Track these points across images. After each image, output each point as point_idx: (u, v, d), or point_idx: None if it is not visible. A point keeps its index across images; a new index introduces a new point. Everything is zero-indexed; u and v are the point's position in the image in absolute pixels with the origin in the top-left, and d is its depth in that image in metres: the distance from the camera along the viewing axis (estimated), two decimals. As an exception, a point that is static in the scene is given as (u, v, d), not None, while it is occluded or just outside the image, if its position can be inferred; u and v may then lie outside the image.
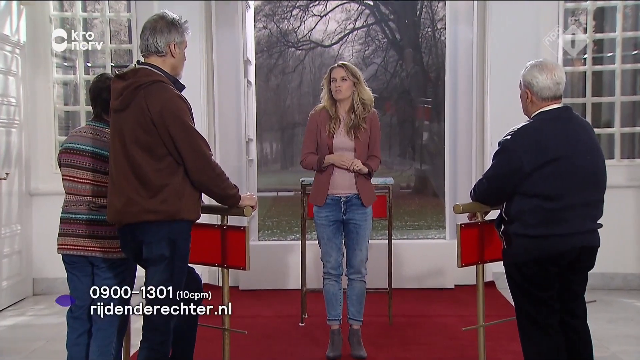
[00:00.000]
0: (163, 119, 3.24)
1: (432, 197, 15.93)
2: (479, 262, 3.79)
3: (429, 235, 10.96)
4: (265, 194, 16.07)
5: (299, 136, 19.16)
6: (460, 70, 6.69)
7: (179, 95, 3.32)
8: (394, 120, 18.08)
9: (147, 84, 3.28)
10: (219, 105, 6.59)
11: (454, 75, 6.72)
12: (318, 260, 4.88)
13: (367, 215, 4.54)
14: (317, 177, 4.57)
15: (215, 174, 3.36)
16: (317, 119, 4.56)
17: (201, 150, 3.31)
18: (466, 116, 6.64)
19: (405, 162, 18.14)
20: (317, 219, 4.57)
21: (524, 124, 3.35)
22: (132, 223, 3.31)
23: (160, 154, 3.28)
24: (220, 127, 6.61)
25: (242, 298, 6.27)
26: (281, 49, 18.68)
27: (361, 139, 4.47)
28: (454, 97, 6.73)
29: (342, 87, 4.48)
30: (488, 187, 3.44)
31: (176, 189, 3.30)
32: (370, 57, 18.39)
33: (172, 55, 3.41)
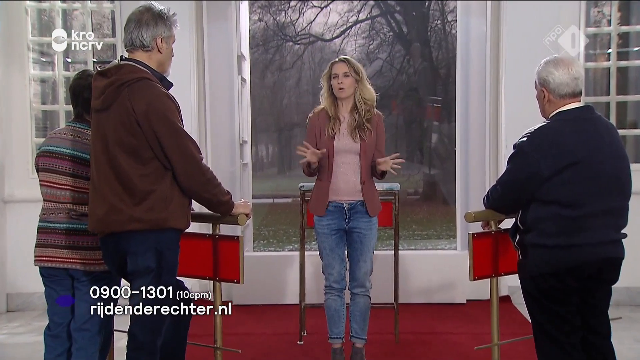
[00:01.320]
0: (149, 119, 3.25)
1: (442, 204, 15.94)
2: (492, 275, 3.79)
3: (438, 245, 10.96)
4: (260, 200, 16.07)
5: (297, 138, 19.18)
6: (472, 66, 6.70)
7: (167, 94, 3.32)
8: (400, 120, 18.09)
9: (131, 81, 3.29)
10: (210, 104, 6.60)
11: (465, 71, 6.72)
12: (319, 273, 4.88)
13: (372, 223, 4.54)
14: (317, 184, 4.57)
15: (206, 179, 3.37)
16: (315, 122, 4.56)
17: (191, 153, 3.31)
18: (479, 116, 6.64)
19: (412, 166, 18.15)
20: (318, 228, 4.57)
21: (541, 125, 3.35)
22: (115, 232, 3.31)
23: (146, 158, 3.29)
24: (212, 128, 6.62)
25: (236, 314, 6.26)
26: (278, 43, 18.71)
27: (367, 141, 4.47)
28: (466, 96, 6.73)
29: (345, 83, 4.48)
30: (502, 194, 3.44)
31: (163, 195, 3.30)
32: (375, 52, 18.42)
33: (159, 51, 3.42)
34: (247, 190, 7.00)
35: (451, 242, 10.79)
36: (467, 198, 6.73)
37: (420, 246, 10.88)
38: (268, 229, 13.05)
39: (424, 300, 6.50)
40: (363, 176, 4.49)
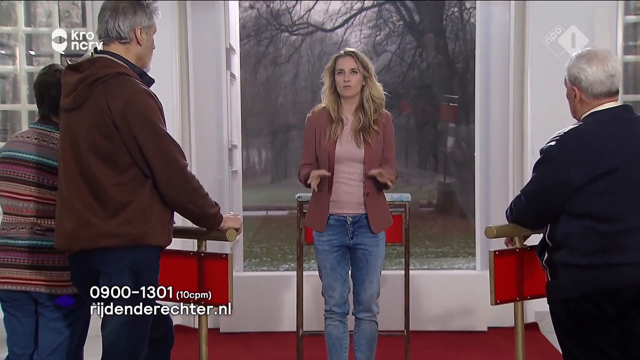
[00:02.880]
0: (127, 120, 3.25)
1: (459, 217, 15.92)
2: (517, 299, 3.79)
3: (455, 264, 10.96)
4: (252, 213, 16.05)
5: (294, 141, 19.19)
6: (494, 60, 6.71)
7: (147, 91, 3.33)
8: (411, 122, 18.08)
9: (107, 76, 3.29)
10: (195, 103, 6.60)
11: (486, 66, 6.73)
12: (318, 296, 4.87)
13: (380, 239, 4.54)
14: (315, 195, 4.56)
15: (191, 189, 3.37)
16: (315, 123, 4.56)
17: (174, 159, 3.31)
18: (501, 117, 6.65)
19: (425, 174, 18.14)
20: (318, 244, 4.57)
21: (572, 127, 3.36)
22: (85, 250, 3.31)
23: (122, 164, 3.29)
24: (197, 130, 6.62)
25: (224, 343, 6.26)
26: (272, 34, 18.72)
27: (373, 146, 4.47)
28: (486, 94, 6.74)
29: (353, 81, 4.48)
30: (528, 206, 3.44)
31: (142, 207, 3.30)
32: (383, 43, 18.43)
33: (138, 43, 3.43)
34: (237, 201, 7.00)
35: (470, 261, 10.78)
36: (487, 210, 6.73)
37: (435, 265, 10.87)
38: (261, 245, 13.03)
39: (438, 327, 6.49)
40: (367, 187, 4.49)
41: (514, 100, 6.54)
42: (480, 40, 6.77)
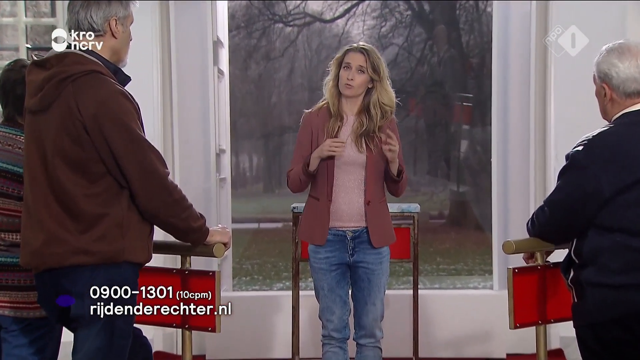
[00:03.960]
0: (99, 124, 3.25)
1: (474, 230, 15.92)
2: (539, 323, 3.79)
3: (469, 283, 10.96)
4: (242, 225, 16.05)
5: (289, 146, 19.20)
6: (512, 54, 6.71)
7: (122, 92, 3.33)
8: (420, 123, 18.09)
9: (77, 74, 3.29)
10: (178, 103, 6.60)
11: (504, 61, 6.73)
12: (316, 319, 4.86)
13: (383, 256, 4.53)
14: (312, 204, 4.56)
15: (172, 200, 3.37)
16: (312, 122, 4.55)
17: (152, 167, 3.31)
18: (521, 118, 6.65)
19: (436, 182, 18.16)
20: (314, 262, 4.56)
21: (601, 130, 3.35)
22: (54, 268, 3.30)
23: (95, 173, 3.29)
24: (181, 133, 6.62)
25: (210, 372, 6.24)
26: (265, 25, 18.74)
27: (375, 152, 4.47)
28: (504, 92, 6.74)
29: (357, 80, 4.46)
30: (551, 218, 3.44)
31: (118, 220, 3.30)
32: (389, 36, 18.45)
33: (113, 35, 3.43)
34: (226, 212, 7.00)
35: (486, 280, 10.78)
36: (506, 223, 6.72)
37: (447, 284, 10.87)
38: (252, 262, 13.03)
39: (451, 354, 6.48)
40: (368, 195, 4.48)
41: (536, 99, 6.54)
42: (498, 32, 6.77)
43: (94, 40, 3.40)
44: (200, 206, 3.65)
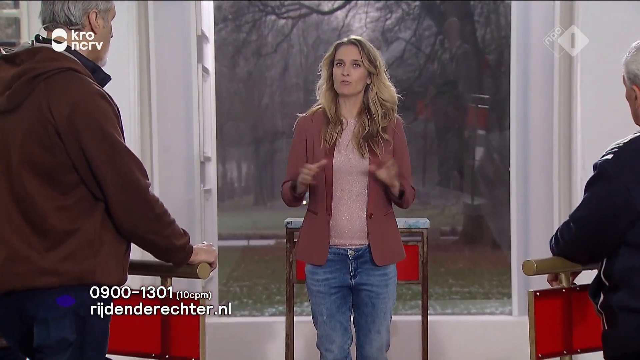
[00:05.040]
0: (73, 127, 3.25)
1: (491, 248, 15.93)
2: (564, 353, 3.79)
3: (486, 308, 10.95)
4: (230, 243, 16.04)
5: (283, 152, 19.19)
6: (534, 51, 6.73)
7: (101, 92, 3.33)
8: (430, 128, 18.09)
9: (50, 72, 3.29)
10: (158, 105, 6.61)
11: (524, 58, 6.75)
12: (313, 348, 4.87)
13: (389, 278, 4.54)
14: (310, 219, 4.57)
15: (154, 215, 3.37)
16: (308, 126, 4.56)
17: (133, 178, 3.31)
18: (544, 122, 6.66)
19: (448, 194, 18.16)
20: (312, 285, 4.56)
21: (633, 137, 3.36)
22: (17, 290, 3.30)
23: (67, 184, 3.29)
24: (161, 139, 6.62)
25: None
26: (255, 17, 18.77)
27: (380, 157, 4.47)
28: (524, 93, 6.75)
29: (353, 76, 4.48)
30: (578, 235, 3.45)
31: (90, 237, 3.30)
32: (394, 29, 18.47)
33: (93, 30, 3.43)
34: (211, 228, 7.01)
35: (504, 304, 10.77)
36: (526, 240, 6.73)
37: (460, 309, 10.86)
38: (241, 284, 13.03)
39: (465, 387, 6.49)
40: (370, 206, 4.48)
41: (560, 101, 6.54)
42: (517, 25, 6.78)
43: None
44: (182, 221, 3.65)
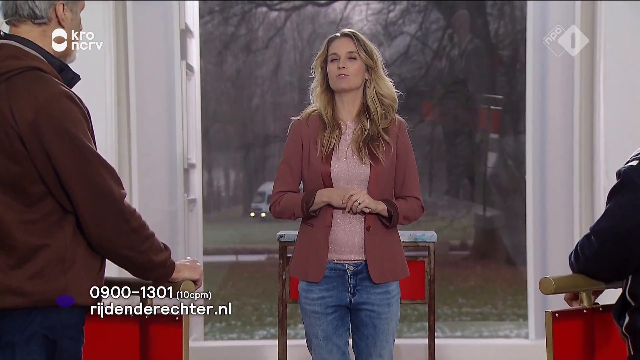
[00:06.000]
0: (39, 133, 3.25)
1: (505, 264, 15.97)
2: (586, 380, 3.79)
3: (499, 331, 10.96)
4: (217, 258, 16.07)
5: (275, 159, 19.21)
6: (551, 47, 6.74)
7: (68, 94, 3.33)
8: (438, 132, 18.14)
9: (13, 72, 3.29)
10: (137, 107, 6.62)
11: (541, 54, 6.76)
12: (307, 375, 4.87)
13: (392, 296, 4.53)
14: (305, 231, 4.56)
15: (130, 228, 3.36)
16: (303, 130, 4.56)
17: (105, 187, 3.31)
18: (562, 126, 6.67)
19: (457, 205, 18.19)
20: (306, 303, 4.56)
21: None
22: (-20, 312, 3.30)
23: (33, 195, 3.28)
24: (140, 144, 6.63)
25: None
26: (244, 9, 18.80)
27: (383, 163, 4.46)
28: (542, 93, 6.77)
29: (350, 68, 4.47)
30: (601, 249, 3.45)
31: (59, 253, 3.30)
32: (398, 23, 18.52)
33: (60, 24, 3.43)
34: (196, 242, 7.01)
35: (520, 327, 10.79)
36: (544, 255, 6.74)
37: (471, 332, 10.86)
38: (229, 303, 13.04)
39: (477, 418, 6.49)
40: (368, 218, 4.47)
41: (581, 102, 6.56)
42: (534, 19, 6.80)
43: (35, 29, 3.40)
44: (164, 234, 3.65)
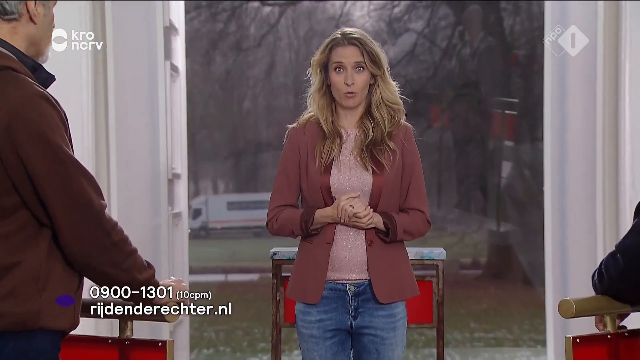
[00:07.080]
0: (12, 138, 3.26)
1: (522, 284, 15.96)
2: (611, 412, 3.79)
3: (515, 358, 10.98)
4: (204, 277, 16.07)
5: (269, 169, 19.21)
6: (572, 46, 6.76)
7: (44, 95, 3.33)
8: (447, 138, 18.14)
9: (-18, 73, 3.30)
10: (116, 111, 6.62)
11: (560, 54, 6.77)
12: (304, 405, 4.88)
13: (397, 319, 4.54)
14: (304, 248, 4.57)
15: (111, 243, 3.37)
16: (300, 139, 4.56)
17: (85, 196, 3.32)
18: (584, 132, 6.68)
19: (468, 219, 18.19)
20: (303, 327, 4.56)
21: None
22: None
23: (6, 206, 3.29)
24: (119, 152, 6.63)
25: None
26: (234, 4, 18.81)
27: (388, 172, 4.46)
28: (561, 97, 6.78)
29: (358, 83, 4.43)
30: (626, 268, 3.46)
31: (33, 271, 3.30)
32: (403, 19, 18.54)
33: (32, 20, 3.44)
34: (181, 260, 7.02)
35: (538, 353, 10.81)
36: (564, 275, 6.75)
37: (485, 358, 10.89)
38: (217, 327, 13.04)
39: None
40: (370, 233, 4.46)
41: (604, 106, 6.57)
42: (552, 14, 6.81)
43: (5, 26, 3.42)
44: (146, 251, 3.66)
